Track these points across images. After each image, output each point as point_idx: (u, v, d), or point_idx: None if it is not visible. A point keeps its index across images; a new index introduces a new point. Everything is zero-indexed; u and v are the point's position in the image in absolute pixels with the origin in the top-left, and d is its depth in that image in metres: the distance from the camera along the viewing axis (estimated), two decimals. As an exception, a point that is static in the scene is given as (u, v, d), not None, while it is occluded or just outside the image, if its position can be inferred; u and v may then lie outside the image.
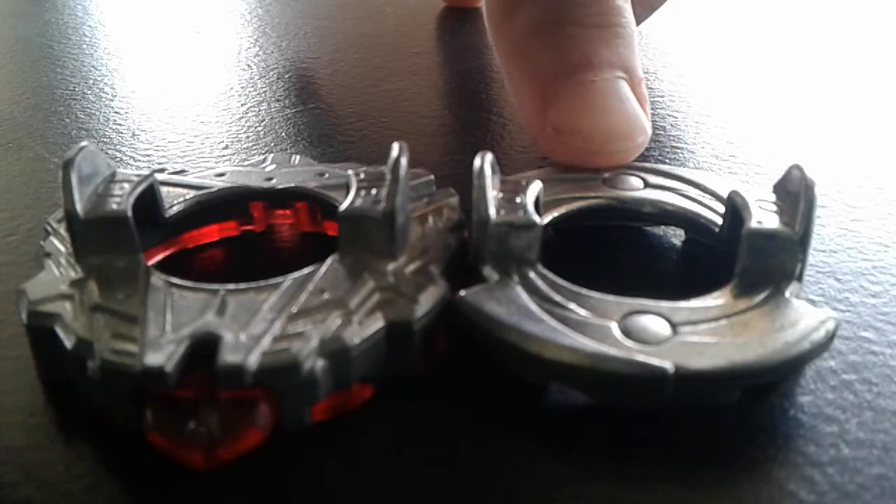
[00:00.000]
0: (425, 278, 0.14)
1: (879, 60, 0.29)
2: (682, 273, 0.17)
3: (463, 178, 0.17)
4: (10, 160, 0.22)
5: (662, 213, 0.17)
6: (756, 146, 0.22)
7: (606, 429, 0.13)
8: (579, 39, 0.18)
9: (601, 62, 0.18)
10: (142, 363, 0.12)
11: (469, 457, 0.13)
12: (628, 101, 0.18)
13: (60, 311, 0.13)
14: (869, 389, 0.14)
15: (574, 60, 0.18)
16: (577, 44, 0.18)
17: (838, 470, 0.12)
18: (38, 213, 0.19)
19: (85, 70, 0.29)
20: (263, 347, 0.12)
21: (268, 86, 0.27)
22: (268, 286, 0.14)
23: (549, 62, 0.18)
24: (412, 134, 0.23)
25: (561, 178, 0.18)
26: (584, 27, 0.18)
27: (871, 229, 0.18)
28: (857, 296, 0.16)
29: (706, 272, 0.16)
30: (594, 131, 0.18)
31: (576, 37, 0.18)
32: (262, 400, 0.12)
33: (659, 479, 0.12)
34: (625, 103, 0.18)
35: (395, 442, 0.13)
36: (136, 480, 0.12)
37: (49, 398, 0.14)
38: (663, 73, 0.28)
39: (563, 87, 0.18)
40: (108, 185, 0.16)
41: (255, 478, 0.12)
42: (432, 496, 0.12)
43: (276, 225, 0.18)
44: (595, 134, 0.18)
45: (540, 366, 0.13)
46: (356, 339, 0.13)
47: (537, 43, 0.19)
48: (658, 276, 0.17)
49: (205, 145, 0.23)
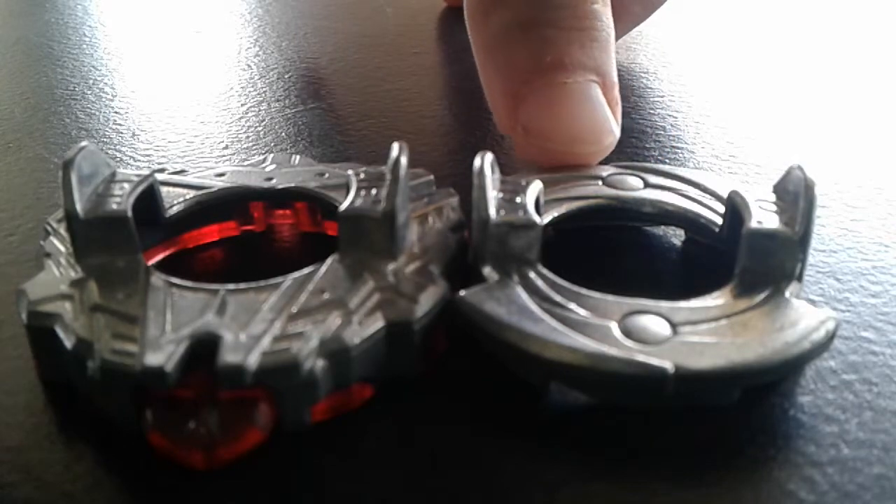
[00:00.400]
0: (425, 278, 0.14)
1: (879, 60, 0.29)
2: (682, 273, 0.17)
3: (463, 178, 0.17)
4: (10, 160, 0.22)
5: (662, 213, 0.17)
6: (756, 146, 0.22)
7: (606, 429, 0.13)
8: (554, 41, 0.18)
9: (574, 64, 0.18)
10: (142, 363, 0.12)
11: (469, 457, 0.13)
12: (599, 104, 0.18)
13: (60, 311, 0.13)
14: (869, 389, 0.14)
15: (547, 61, 0.18)
16: (552, 45, 0.18)
17: (838, 470, 0.12)
18: (38, 213, 0.19)
19: (85, 70, 0.29)
20: (263, 347, 0.12)
21: (268, 86, 0.27)
22: (268, 286, 0.14)
23: (523, 62, 0.18)
24: (412, 134, 0.23)
25: (561, 177, 0.18)
26: (560, 29, 0.18)
27: (870, 229, 0.18)
28: (857, 296, 0.16)
29: (706, 272, 0.16)
30: (561, 133, 0.18)
31: (550, 38, 0.18)
32: (262, 400, 0.12)
33: (659, 479, 0.12)
34: (595, 106, 0.18)
35: (395, 442, 0.13)
36: (136, 480, 0.12)
37: (49, 398, 0.14)
38: (663, 73, 0.28)
39: (535, 88, 0.18)
40: (108, 185, 0.16)
41: (255, 478, 0.12)
42: (432, 496, 0.12)
43: (276, 225, 0.18)
44: (561, 136, 0.18)
45: (540, 366, 0.13)
46: (356, 339, 0.13)
47: (512, 42, 0.19)
48: (658, 276, 0.17)
49: (205, 145, 0.23)
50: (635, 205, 0.17)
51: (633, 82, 0.27)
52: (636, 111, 0.24)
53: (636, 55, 0.29)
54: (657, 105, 0.25)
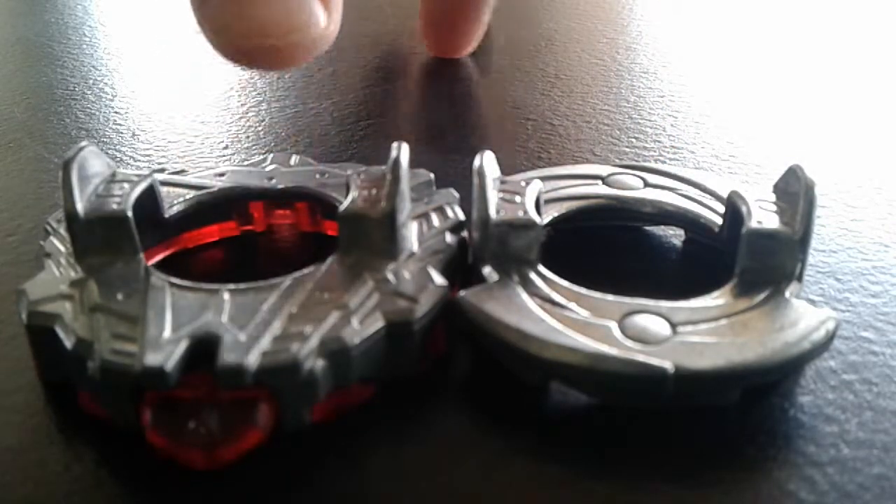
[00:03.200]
0: (425, 278, 0.14)
1: (879, 60, 0.29)
2: (681, 273, 0.17)
3: (463, 178, 0.17)
4: (10, 160, 0.22)
5: (662, 213, 0.17)
6: (756, 146, 0.22)
7: (606, 429, 0.13)
8: None
9: None
10: (142, 363, 0.12)
11: (469, 457, 0.13)
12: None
13: (60, 311, 0.13)
14: (869, 389, 0.14)
15: None
16: None
17: (838, 470, 0.12)
18: (38, 213, 0.19)
19: (85, 70, 0.29)
20: (263, 347, 0.12)
21: (268, 86, 0.27)
22: (268, 286, 0.14)
23: None
24: (412, 134, 0.23)
25: (561, 177, 0.18)
26: None
27: (871, 229, 0.18)
28: (857, 296, 0.16)
29: (706, 272, 0.16)
30: (247, 24, 0.16)
31: None
32: (262, 400, 0.12)
33: (659, 479, 0.12)
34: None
35: (395, 442, 0.13)
36: (136, 480, 0.12)
37: (49, 398, 0.14)
38: (663, 73, 0.28)
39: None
40: (108, 185, 0.16)
41: (255, 478, 0.12)
42: (432, 496, 0.12)
43: (276, 225, 0.18)
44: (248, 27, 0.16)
45: (540, 366, 0.13)
46: (356, 339, 0.13)
47: None
48: (658, 276, 0.17)
49: (205, 145, 0.23)
50: (635, 205, 0.17)
51: (634, 82, 0.27)
52: (636, 111, 0.25)
53: (636, 55, 0.29)
54: (657, 105, 0.25)
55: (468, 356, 0.14)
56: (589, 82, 0.27)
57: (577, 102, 0.25)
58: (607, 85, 0.27)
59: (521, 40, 0.31)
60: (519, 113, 0.25)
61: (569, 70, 0.28)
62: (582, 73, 0.28)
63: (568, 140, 0.23)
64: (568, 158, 0.22)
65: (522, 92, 0.26)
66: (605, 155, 0.22)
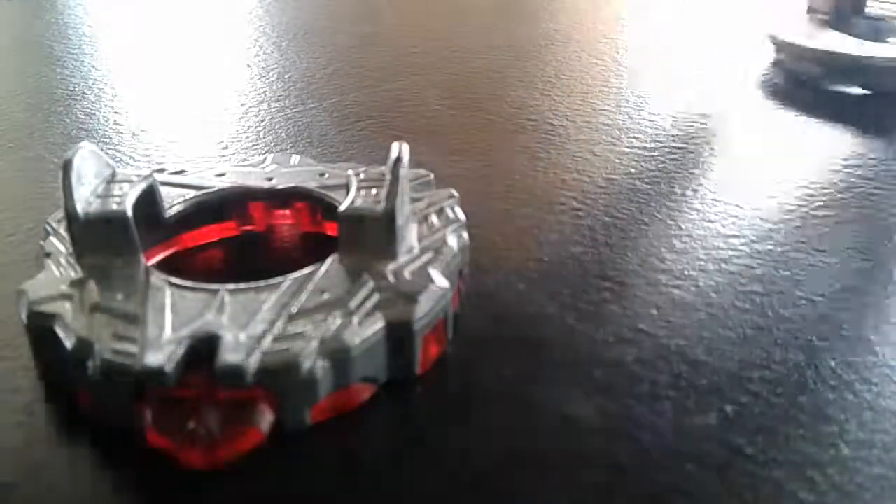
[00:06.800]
0: (425, 278, 0.14)
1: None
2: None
3: (463, 178, 0.17)
4: (10, 160, 0.22)
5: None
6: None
7: (606, 429, 0.13)
8: None
9: None
10: (142, 363, 0.12)
11: (468, 457, 0.13)
12: None
13: (60, 311, 0.13)
14: (869, 389, 0.14)
15: None
16: None
17: (838, 470, 0.12)
18: (38, 213, 0.19)
19: (85, 70, 0.29)
20: (263, 347, 0.12)
21: (268, 86, 0.27)
22: (268, 286, 0.14)
23: None
24: (412, 134, 0.23)
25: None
26: None
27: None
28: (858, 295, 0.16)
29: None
30: None
31: None
32: (262, 400, 0.12)
33: (659, 478, 0.12)
34: None
35: (395, 442, 0.13)
36: (136, 480, 0.12)
37: (49, 398, 0.14)
38: (663, 73, 0.28)
39: None
40: (108, 185, 0.16)
41: (255, 478, 0.12)
42: (432, 496, 0.12)
43: (276, 225, 0.18)
44: None
45: None
46: (356, 339, 0.13)
47: None
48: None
49: (205, 145, 0.23)
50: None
51: (634, 82, 0.27)
52: (636, 111, 0.24)
53: (636, 55, 0.29)
54: (657, 105, 0.25)
55: (468, 356, 0.14)
56: (589, 82, 0.27)
57: (577, 102, 0.25)
58: (607, 85, 0.27)
59: (521, 40, 0.31)
60: (519, 113, 0.25)
61: (569, 70, 0.28)
62: (582, 73, 0.28)
63: (568, 140, 0.23)
64: (568, 158, 0.22)
65: (522, 92, 0.26)
66: (605, 155, 0.22)
